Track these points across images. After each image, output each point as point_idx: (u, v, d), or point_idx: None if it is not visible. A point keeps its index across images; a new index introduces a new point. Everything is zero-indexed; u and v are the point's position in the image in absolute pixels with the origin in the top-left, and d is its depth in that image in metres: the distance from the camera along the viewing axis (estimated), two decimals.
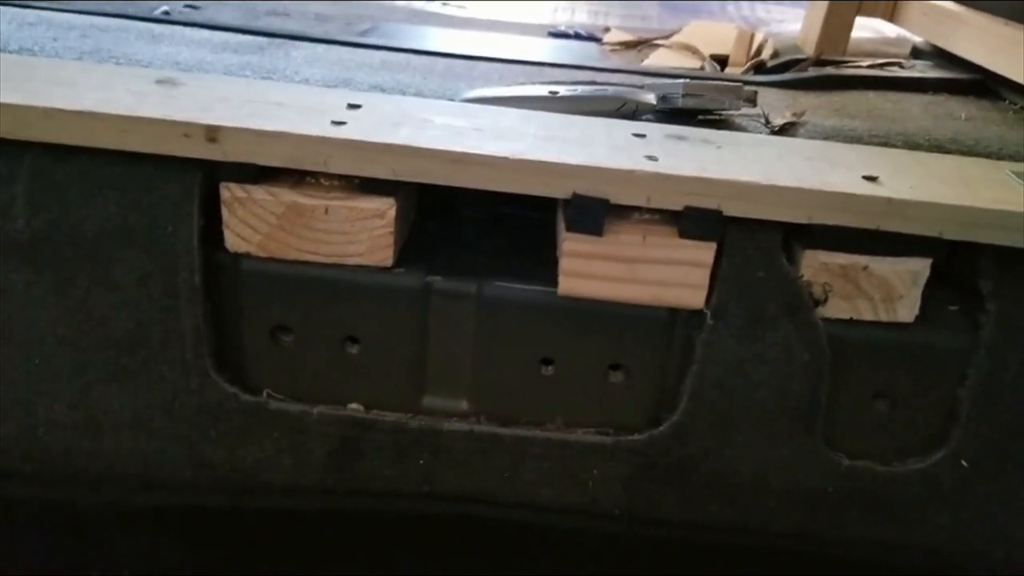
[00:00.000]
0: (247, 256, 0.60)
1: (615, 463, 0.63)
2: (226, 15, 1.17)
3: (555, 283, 0.60)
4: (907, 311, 0.59)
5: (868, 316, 0.60)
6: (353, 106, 0.63)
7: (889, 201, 0.56)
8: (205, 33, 0.96)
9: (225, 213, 0.59)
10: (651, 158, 0.58)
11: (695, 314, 0.60)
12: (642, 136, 0.63)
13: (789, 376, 0.60)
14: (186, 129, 0.56)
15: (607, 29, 1.31)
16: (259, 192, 0.58)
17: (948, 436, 0.61)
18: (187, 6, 1.20)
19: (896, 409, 0.62)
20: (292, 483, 0.63)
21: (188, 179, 0.58)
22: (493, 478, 0.63)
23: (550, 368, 0.63)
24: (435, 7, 1.44)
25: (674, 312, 0.60)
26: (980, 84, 0.98)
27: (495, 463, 0.63)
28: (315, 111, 0.61)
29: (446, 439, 0.62)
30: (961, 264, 0.61)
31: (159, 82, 0.64)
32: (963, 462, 0.61)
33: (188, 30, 0.96)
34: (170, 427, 0.62)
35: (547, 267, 0.61)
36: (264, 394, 0.63)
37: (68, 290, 0.59)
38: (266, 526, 0.68)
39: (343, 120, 0.59)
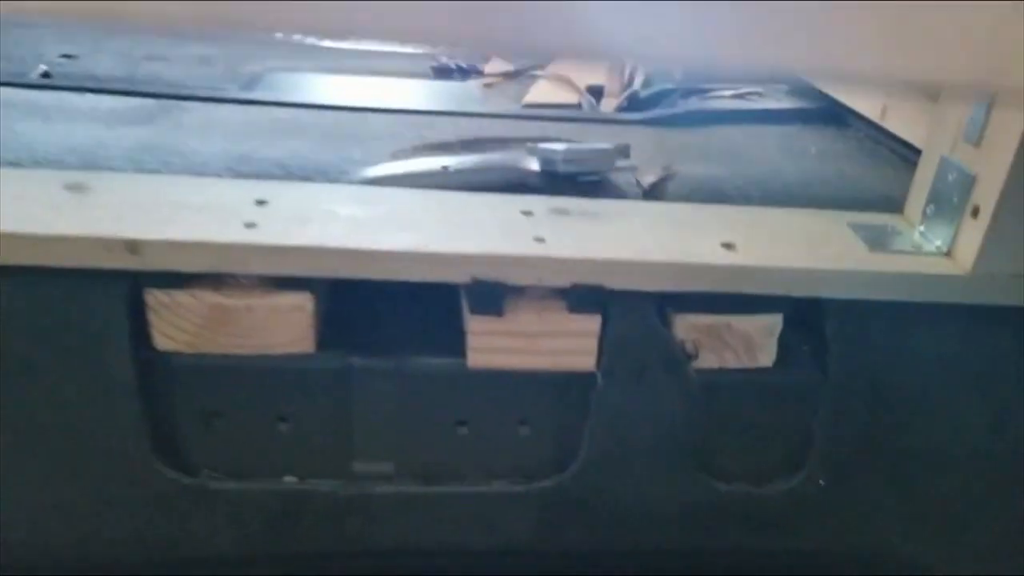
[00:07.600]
0: (176, 353, 0.64)
1: (526, 507, 0.71)
2: (105, 65, 1.17)
3: (465, 353, 0.66)
4: (766, 357, 0.69)
5: (734, 364, 0.69)
6: (260, 202, 0.67)
7: (743, 269, 0.65)
8: (91, 99, 0.96)
9: (152, 317, 0.62)
10: (539, 240, 0.65)
11: (588, 374, 0.68)
12: (529, 214, 0.70)
13: (670, 421, 0.69)
14: (107, 244, 0.59)
15: (488, 58, 1.37)
16: (183, 296, 0.62)
17: (807, 459, 0.72)
18: (63, 56, 1.19)
19: (763, 440, 0.72)
20: (236, 552, 0.68)
21: (114, 289, 0.61)
22: (418, 531, 0.70)
23: (464, 428, 0.70)
24: (312, 39, 1.45)
25: (570, 374, 0.68)
26: (828, 112, 1.09)
27: (419, 518, 0.70)
28: (226, 210, 0.65)
29: (376, 501, 0.69)
30: (810, 310, 0.71)
31: (68, 188, 0.66)
32: (820, 481, 0.72)
33: (73, 96, 0.96)
34: (116, 516, 0.66)
35: (459, 335, 0.67)
36: (203, 474, 0.67)
37: (4, 399, 0.62)
38: None
39: (254, 221, 0.63)
